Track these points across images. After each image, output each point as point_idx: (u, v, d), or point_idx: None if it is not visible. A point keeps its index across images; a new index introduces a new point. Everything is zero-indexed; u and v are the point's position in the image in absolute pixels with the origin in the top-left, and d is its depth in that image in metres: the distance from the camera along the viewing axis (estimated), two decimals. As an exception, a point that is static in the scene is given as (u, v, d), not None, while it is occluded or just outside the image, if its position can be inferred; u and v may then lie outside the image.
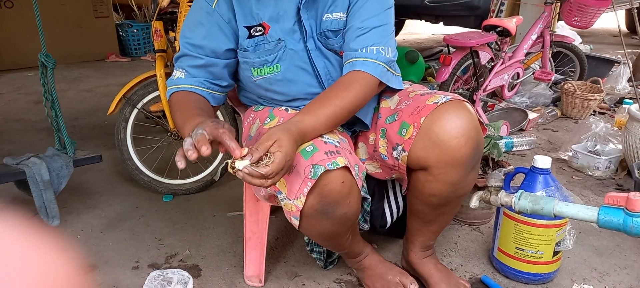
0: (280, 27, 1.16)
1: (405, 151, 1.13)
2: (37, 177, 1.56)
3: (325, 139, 1.04)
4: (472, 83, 2.71)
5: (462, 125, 1.08)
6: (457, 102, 1.11)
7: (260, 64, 1.18)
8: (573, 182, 2.07)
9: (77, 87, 3.90)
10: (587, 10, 2.81)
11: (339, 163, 0.98)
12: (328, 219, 1.03)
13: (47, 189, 1.57)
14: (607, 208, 0.98)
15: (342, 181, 0.99)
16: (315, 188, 0.98)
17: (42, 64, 1.65)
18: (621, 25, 2.79)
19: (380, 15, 1.14)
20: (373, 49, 1.11)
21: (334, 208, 1.02)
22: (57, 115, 1.72)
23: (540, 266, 1.34)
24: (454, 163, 1.09)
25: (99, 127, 2.87)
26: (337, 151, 1.01)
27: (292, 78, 1.19)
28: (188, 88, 1.17)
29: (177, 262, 1.51)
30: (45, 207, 1.57)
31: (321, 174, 0.96)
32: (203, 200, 1.93)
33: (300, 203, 0.99)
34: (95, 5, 5.01)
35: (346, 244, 1.21)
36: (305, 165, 0.98)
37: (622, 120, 2.48)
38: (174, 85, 1.19)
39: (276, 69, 1.18)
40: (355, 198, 1.05)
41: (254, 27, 1.16)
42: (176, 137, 1.97)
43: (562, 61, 3.34)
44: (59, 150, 1.74)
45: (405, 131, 1.13)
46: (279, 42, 1.16)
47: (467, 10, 4.22)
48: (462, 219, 1.71)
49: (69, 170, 1.65)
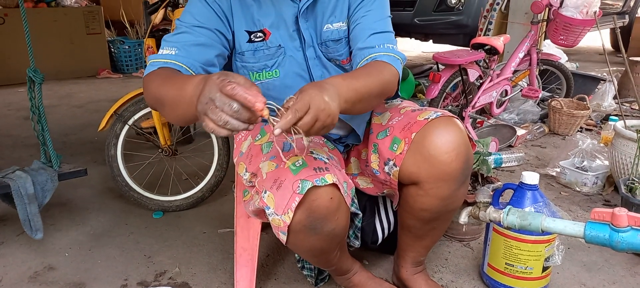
0: (280, 34, 1.17)
1: (397, 166, 1.15)
2: (22, 190, 1.55)
3: (315, 155, 1.05)
4: (461, 100, 2.74)
5: (452, 140, 1.10)
6: (448, 118, 1.13)
7: (260, 69, 1.18)
8: (561, 197, 2.09)
9: (68, 103, 3.88)
10: (572, 30, 2.88)
11: (327, 179, 0.98)
12: (316, 235, 1.03)
13: (31, 203, 1.56)
14: (593, 223, 0.99)
15: (330, 197, 1.00)
16: (303, 203, 0.98)
17: (30, 79, 1.66)
18: (606, 43, 2.86)
19: (386, 22, 1.18)
20: (389, 46, 1.14)
21: (322, 224, 1.02)
22: (43, 129, 1.72)
23: (530, 282, 1.35)
24: (445, 177, 1.11)
25: (89, 143, 2.85)
26: (326, 168, 1.01)
27: (289, 84, 1.19)
28: (178, 66, 1.03)
29: (166, 280, 1.49)
30: (29, 220, 1.56)
31: (309, 190, 0.97)
32: (193, 217, 1.91)
33: (288, 218, 0.99)
34: (87, 22, 5.02)
35: (334, 261, 1.21)
36: (294, 180, 0.98)
37: (609, 137, 2.52)
38: (160, 59, 1.03)
39: (275, 74, 1.18)
40: (343, 214, 1.06)
41: (255, 33, 1.16)
42: (167, 153, 1.96)
43: (549, 79, 3.41)
44: (44, 163, 1.74)
45: (397, 146, 1.15)
46: (280, 48, 1.17)
47: (455, 28, 4.30)
48: (453, 235, 1.72)
49: (54, 184, 1.65)
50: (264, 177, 1.05)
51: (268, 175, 1.04)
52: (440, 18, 4.36)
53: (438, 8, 4.36)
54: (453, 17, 4.30)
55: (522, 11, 3.66)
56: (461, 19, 4.25)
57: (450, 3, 4.29)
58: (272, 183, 1.01)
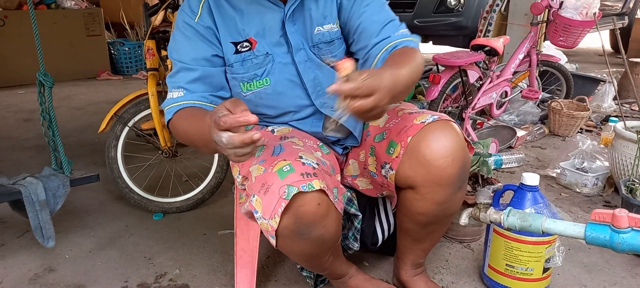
0: (266, 41, 1.16)
1: (393, 169, 1.15)
2: (33, 197, 1.53)
3: (304, 160, 1.03)
4: (461, 101, 2.74)
5: (448, 145, 1.09)
6: (444, 121, 1.13)
7: (250, 79, 1.17)
8: (561, 198, 2.09)
9: (68, 105, 3.88)
10: (572, 31, 2.88)
11: (315, 185, 0.97)
12: (304, 240, 1.03)
13: (43, 209, 1.54)
14: (593, 224, 0.99)
15: (317, 203, 0.98)
16: (289, 209, 0.97)
17: (40, 83, 1.64)
18: (605, 45, 2.86)
19: (388, 9, 1.20)
20: (404, 32, 1.17)
21: (309, 229, 1.01)
22: (54, 135, 1.70)
23: (530, 283, 1.35)
24: (441, 182, 1.11)
25: (89, 145, 2.85)
26: (314, 173, 1.00)
27: (281, 91, 1.19)
28: (191, 104, 1.12)
29: (167, 282, 1.49)
30: (41, 227, 1.54)
31: (296, 195, 0.96)
32: (194, 219, 1.91)
33: (275, 223, 0.98)
34: (87, 24, 5.02)
35: (327, 265, 1.21)
36: (280, 185, 0.97)
37: (609, 138, 2.52)
38: (173, 103, 1.12)
39: (266, 83, 1.18)
40: (332, 220, 1.04)
41: (241, 43, 1.16)
42: (167, 155, 1.96)
43: (548, 80, 3.41)
44: (55, 169, 1.72)
45: (393, 150, 1.15)
46: (267, 55, 1.16)
47: (455, 30, 4.31)
48: (453, 236, 1.72)
49: (66, 190, 1.63)
50: (253, 181, 1.04)
51: (257, 179, 1.03)
52: (440, 19, 4.37)
53: (438, 9, 4.37)
54: (453, 18, 4.31)
55: (522, 12, 3.66)
56: (461, 20, 4.26)
57: (449, 4, 4.30)
58: (260, 187, 1.00)
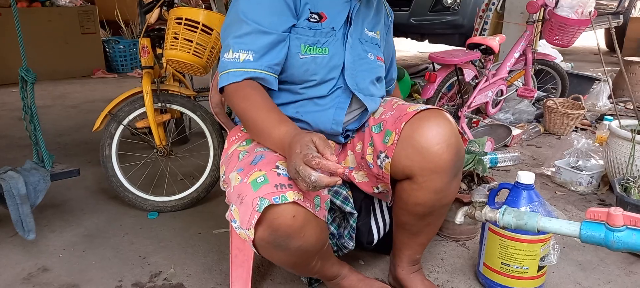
0: (334, 21, 1.23)
1: (389, 157, 1.17)
2: (14, 190, 1.53)
3: (280, 171, 1.00)
4: (456, 100, 2.75)
5: (442, 132, 1.12)
6: (436, 110, 1.17)
7: (312, 43, 1.20)
8: (556, 197, 2.10)
9: (62, 103, 3.86)
10: (567, 30, 2.89)
11: (288, 198, 0.95)
12: (283, 251, 1.02)
13: (23, 203, 1.55)
14: (588, 223, 0.99)
15: (292, 215, 0.96)
16: (263, 221, 0.96)
17: (22, 79, 1.65)
18: (601, 43, 2.87)
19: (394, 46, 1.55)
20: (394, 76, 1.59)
21: (286, 241, 0.99)
22: (36, 129, 1.71)
23: (525, 281, 1.35)
24: (437, 169, 1.13)
25: (84, 144, 2.83)
26: (289, 185, 0.97)
27: (336, 64, 1.23)
28: (258, 74, 1.12)
29: (161, 281, 1.49)
30: (22, 220, 1.55)
31: (268, 208, 0.94)
32: (189, 218, 1.91)
33: (251, 234, 0.97)
34: (82, 22, 5.00)
35: (315, 270, 1.21)
36: (253, 197, 0.95)
37: (603, 137, 2.53)
38: (241, 68, 1.11)
39: (324, 52, 1.21)
40: (311, 231, 1.02)
41: (312, 15, 1.20)
42: (162, 154, 1.95)
43: (544, 78, 3.42)
44: (36, 163, 1.72)
45: (388, 138, 1.18)
46: (332, 30, 1.22)
47: (451, 28, 4.31)
48: (448, 235, 1.72)
49: (46, 184, 1.64)
50: (232, 190, 1.04)
51: (234, 188, 1.03)
52: (436, 18, 4.37)
53: (434, 8, 4.37)
54: (449, 17, 4.31)
55: (518, 11, 3.67)
56: (457, 19, 4.26)
57: (446, 3, 4.29)
58: (236, 197, 1.00)
